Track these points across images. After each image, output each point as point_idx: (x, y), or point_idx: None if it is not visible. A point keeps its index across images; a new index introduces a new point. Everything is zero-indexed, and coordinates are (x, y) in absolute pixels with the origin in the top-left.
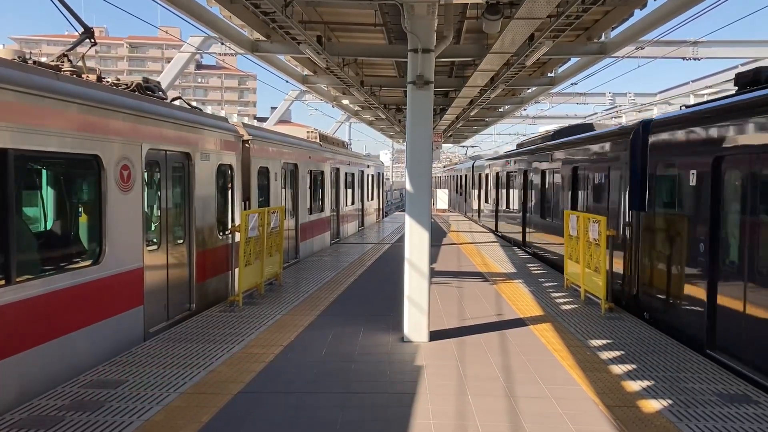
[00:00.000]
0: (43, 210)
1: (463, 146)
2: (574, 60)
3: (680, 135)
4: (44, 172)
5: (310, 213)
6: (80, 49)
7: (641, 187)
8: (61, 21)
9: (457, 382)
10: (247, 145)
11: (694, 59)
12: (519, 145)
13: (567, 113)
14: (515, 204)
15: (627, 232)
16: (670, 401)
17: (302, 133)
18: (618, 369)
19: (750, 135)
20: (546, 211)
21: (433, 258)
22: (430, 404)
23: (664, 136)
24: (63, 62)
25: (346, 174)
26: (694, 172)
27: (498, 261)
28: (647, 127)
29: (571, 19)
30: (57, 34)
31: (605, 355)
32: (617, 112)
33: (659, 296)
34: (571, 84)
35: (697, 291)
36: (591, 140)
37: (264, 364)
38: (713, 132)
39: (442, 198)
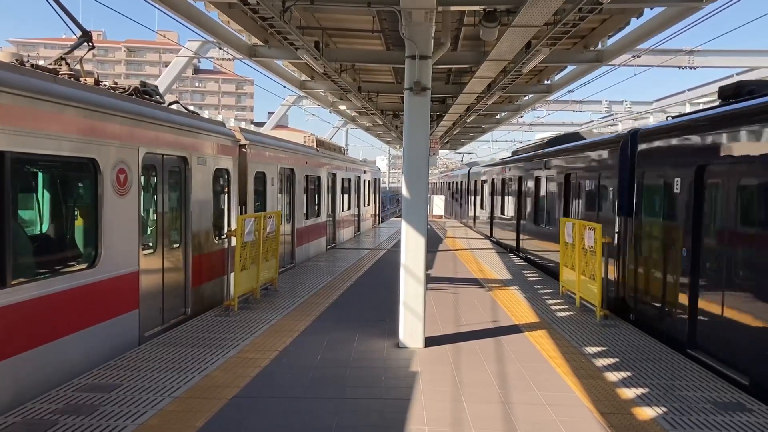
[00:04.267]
0: (39, 213)
1: (459, 152)
2: (570, 68)
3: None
4: (41, 175)
5: (307, 218)
6: (78, 53)
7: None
8: (59, 24)
9: (452, 389)
10: (244, 149)
11: (690, 68)
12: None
13: (564, 120)
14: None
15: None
16: (664, 409)
17: (299, 138)
18: (613, 376)
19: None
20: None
21: (429, 264)
22: (425, 410)
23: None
24: (60, 65)
25: (342, 179)
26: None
27: (494, 267)
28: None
29: (568, 27)
30: (54, 37)
31: (600, 362)
32: (613, 120)
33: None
34: (568, 91)
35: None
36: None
37: (259, 369)
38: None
39: (438, 204)
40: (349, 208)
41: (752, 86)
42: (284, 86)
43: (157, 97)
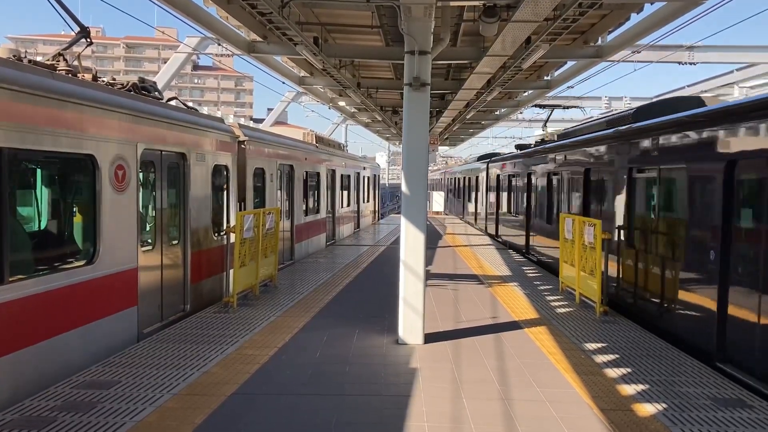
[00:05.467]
0: (37, 209)
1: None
2: (570, 63)
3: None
4: (39, 171)
5: (306, 214)
6: (76, 49)
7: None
8: (58, 21)
9: (451, 385)
10: (243, 146)
11: (690, 64)
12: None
13: (563, 117)
14: None
15: None
16: (664, 405)
17: (298, 135)
18: (613, 372)
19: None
20: None
21: (428, 260)
22: (425, 406)
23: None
24: (59, 61)
25: (341, 176)
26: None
27: (493, 264)
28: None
29: (568, 23)
30: (53, 33)
31: (600, 358)
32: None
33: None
34: (568, 87)
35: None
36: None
37: (258, 366)
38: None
39: (437, 200)
40: (348, 205)
41: (525, 146)
42: (283, 82)
43: (156, 93)
